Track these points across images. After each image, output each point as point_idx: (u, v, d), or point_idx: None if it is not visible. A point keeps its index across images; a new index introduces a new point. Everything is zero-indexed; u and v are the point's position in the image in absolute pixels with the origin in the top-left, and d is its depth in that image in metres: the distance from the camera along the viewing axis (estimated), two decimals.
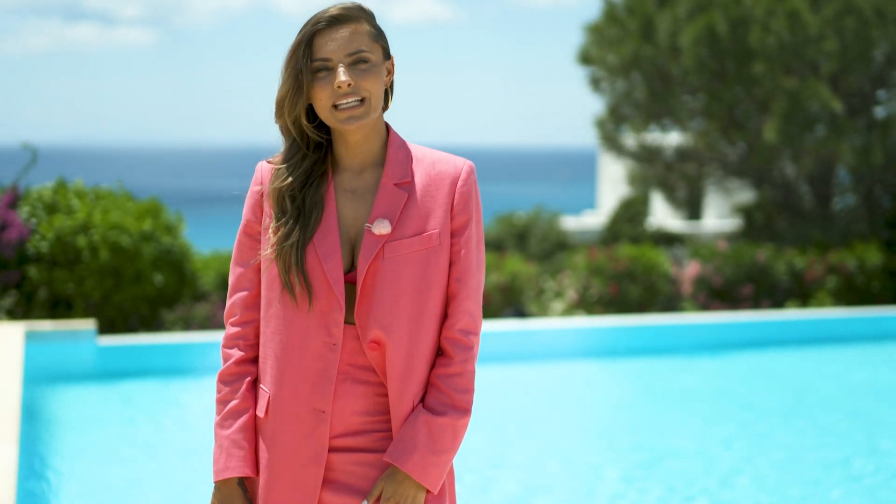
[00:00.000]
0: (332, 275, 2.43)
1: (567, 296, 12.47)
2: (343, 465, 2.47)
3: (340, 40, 2.42)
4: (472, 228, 2.51)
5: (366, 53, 2.43)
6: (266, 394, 2.51)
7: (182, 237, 10.18)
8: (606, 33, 16.47)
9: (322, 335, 2.45)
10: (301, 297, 2.45)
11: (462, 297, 2.50)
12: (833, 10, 14.72)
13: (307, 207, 2.47)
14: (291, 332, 2.46)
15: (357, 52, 2.43)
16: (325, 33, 2.43)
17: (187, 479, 6.10)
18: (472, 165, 2.54)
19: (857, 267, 13.25)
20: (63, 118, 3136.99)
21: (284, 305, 2.47)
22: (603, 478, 6.30)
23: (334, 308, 2.44)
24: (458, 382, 2.48)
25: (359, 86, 2.42)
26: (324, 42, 2.42)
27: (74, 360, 8.33)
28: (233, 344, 2.56)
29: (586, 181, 59.73)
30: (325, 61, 2.42)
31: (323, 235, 2.46)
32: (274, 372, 2.49)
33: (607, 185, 29.16)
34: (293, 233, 2.45)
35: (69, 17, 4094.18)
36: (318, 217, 2.47)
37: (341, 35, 2.42)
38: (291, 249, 2.44)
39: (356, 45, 2.43)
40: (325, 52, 2.42)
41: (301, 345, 2.45)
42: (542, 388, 9.05)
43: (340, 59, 2.42)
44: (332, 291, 2.44)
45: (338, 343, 2.44)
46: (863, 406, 8.32)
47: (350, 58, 2.42)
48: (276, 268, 2.46)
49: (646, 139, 17.65)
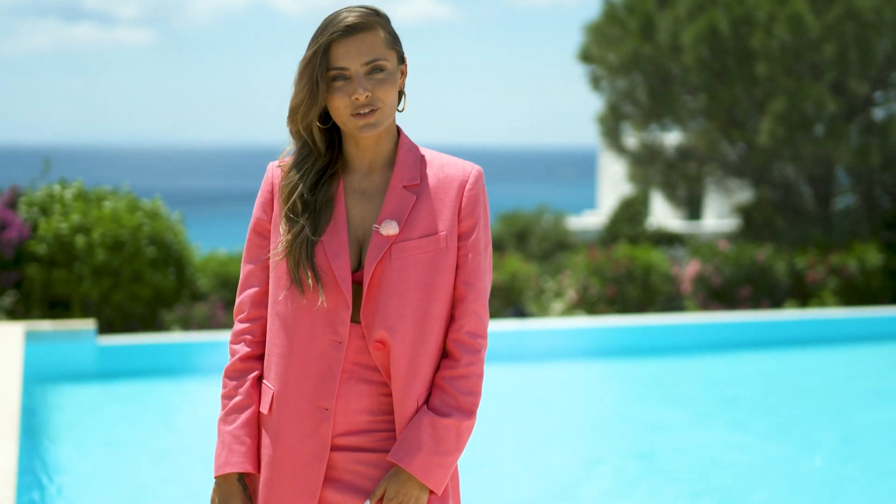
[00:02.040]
0: (339, 273, 2.45)
1: (567, 296, 12.47)
2: (345, 464, 2.48)
3: (357, 49, 2.43)
4: (479, 232, 2.53)
5: (382, 62, 2.45)
6: (270, 390, 2.52)
7: (183, 237, 10.16)
8: (607, 32, 16.48)
9: (328, 333, 2.46)
10: (309, 294, 2.46)
11: (470, 300, 2.51)
12: (835, 15, 14.73)
13: (317, 207, 2.49)
14: (297, 329, 2.48)
15: (373, 62, 2.44)
16: (341, 42, 2.44)
17: (188, 479, 6.10)
18: (480, 170, 2.57)
19: (857, 267, 13.25)
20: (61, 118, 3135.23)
21: (292, 302, 2.48)
22: (601, 477, 6.30)
23: (341, 306, 2.45)
24: (463, 384, 2.49)
25: (375, 96, 2.44)
26: (340, 51, 2.43)
27: (74, 360, 8.32)
28: (239, 340, 2.58)
29: (586, 181, 59.77)
30: (341, 70, 2.44)
31: (332, 234, 2.48)
32: (279, 369, 2.50)
33: (608, 184, 29.18)
34: (303, 231, 2.47)
35: (68, 17, 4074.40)
36: (328, 216, 2.49)
37: (358, 44, 2.44)
38: (302, 246, 2.46)
39: (373, 55, 2.44)
40: (341, 62, 2.43)
41: (307, 342, 2.47)
42: (542, 388, 9.05)
43: (357, 68, 2.43)
44: (339, 289, 2.45)
45: (343, 341, 2.45)
46: (862, 406, 8.31)
47: (366, 67, 2.44)
48: (286, 265, 2.47)
49: (646, 139, 17.66)
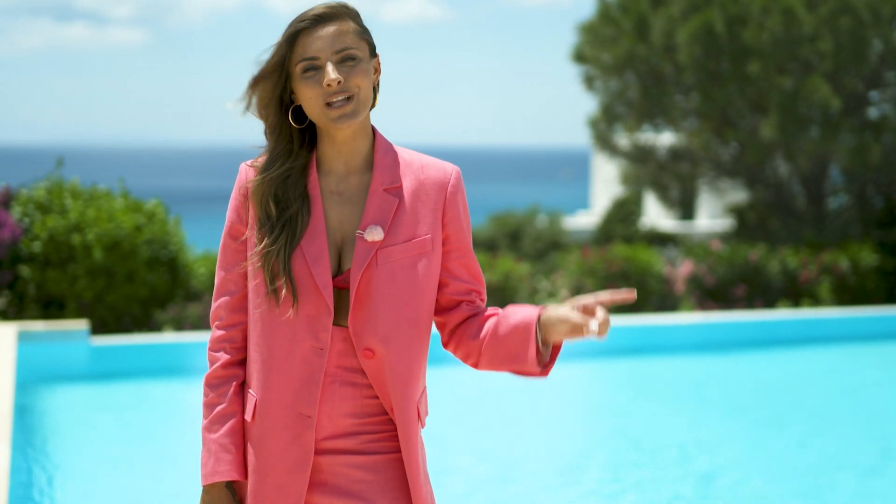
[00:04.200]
0: (320, 279, 2.41)
1: (560, 296, 12.47)
2: (331, 468, 2.46)
3: (327, 38, 2.40)
4: (464, 233, 2.52)
5: (353, 51, 2.41)
6: (253, 398, 2.48)
7: (179, 238, 10.13)
8: (600, 32, 16.49)
9: (309, 340, 2.42)
10: (286, 302, 2.42)
11: (464, 281, 2.54)
12: (828, 10, 14.74)
13: (293, 210, 2.44)
14: (278, 336, 2.43)
15: (344, 50, 2.40)
16: (311, 32, 2.40)
17: (181, 480, 6.09)
18: (459, 170, 2.54)
19: (850, 267, 13.27)
20: (55, 118, 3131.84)
21: (271, 310, 2.44)
22: (595, 477, 6.30)
23: (322, 312, 2.41)
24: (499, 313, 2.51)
25: (348, 83, 2.40)
26: (310, 41, 2.40)
27: (67, 361, 8.30)
28: (219, 347, 2.53)
29: (580, 181, 59.77)
30: (312, 60, 2.40)
31: (310, 239, 2.43)
32: (260, 376, 2.46)
33: (601, 185, 29.20)
34: (280, 237, 2.42)
35: (60, 16, 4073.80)
36: (305, 220, 2.44)
37: (327, 33, 2.40)
38: (278, 254, 2.41)
39: (343, 43, 2.40)
40: (312, 51, 2.40)
41: (288, 349, 2.43)
42: (534, 388, 9.05)
43: (328, 56, 2.39)
44: (320, 296, 2.41)
45: (325, 347, 2.42)
46: (856, 405, 8.32)
47: (338, 55, 2.40)
48: (262, 274, 2.43)
49: (639, 139, 17.67)
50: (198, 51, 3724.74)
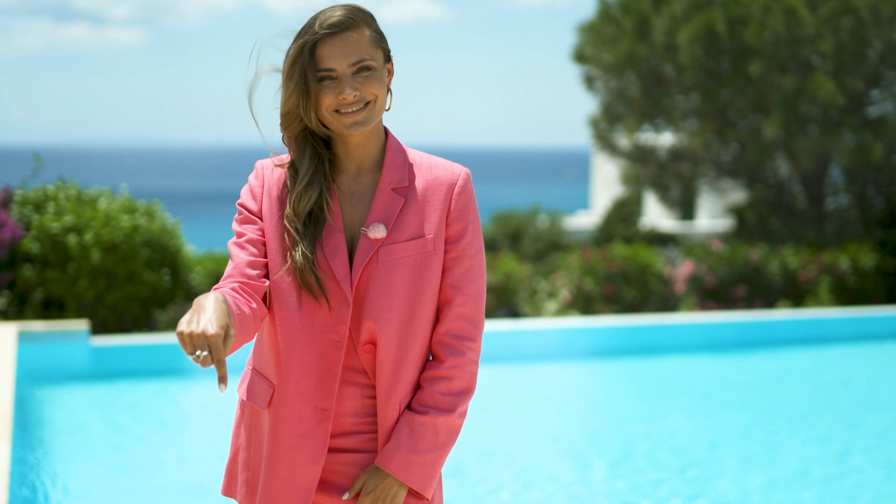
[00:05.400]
0: (339, 272, 2.44)
1: (560, 296, 12.47)
2: (331, 465, 2.49)
3: (342, 49, 2.40)
4: (469, 235, 2.52)
5: (368, 62, 2.42)
6: (270, 386, 2.50)
7: (179, 239, 10.12)
8: (601, 32, 16.48)
9: (328, 332, 2.45)
10: (308, 295, 2.44)
11: (458, 304, 2.50)
12: (830, 10, 14.75)
13: (316, 215, 2.47)
14: (298, 327, 2.45)
15: (360, 62, 2.42)
16: (326, 42, 2.41)
17: (181, 479, 6.09)
18: (468, 172, 2.55)
19: (850, 267, 13.27)
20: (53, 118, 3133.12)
21: (291, 302, 2.45)
22: (596, 477, 6.30)
23: (342, 304, 2.44)
24: (442, 385, 2.48)
25: (364, 93, 2.42)
26: (326, 52, 2.41)
27: (67, 361, 8.31)
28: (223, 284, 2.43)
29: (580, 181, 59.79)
30: (328, 71, 2.41)
31: (328, 234, 2.47)
32: (279, 367, 2.48)
33: (601, 185, 29.19)
34: (305, 232, 2.44)
35: (60, 17, 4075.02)
36: (324, 217, 2.47)
37: (343, 44, 2.41)
38: (303, 247, 2.43)
39: (359, 55, 2.41)
40: (328, 63, 2.41)
41: (307, 341, 2.45)
42: (536, 389, 9.05)
43: (344, 69, 2.41)
44: (339, 288, 2.44)
45: (342, 341, 2.45)
46: (856, 405, 8.32)
47: (353, 67, 2.41)
48: (291, 269, 2.44)
49: (639, 139, 17.66)
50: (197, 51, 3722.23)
